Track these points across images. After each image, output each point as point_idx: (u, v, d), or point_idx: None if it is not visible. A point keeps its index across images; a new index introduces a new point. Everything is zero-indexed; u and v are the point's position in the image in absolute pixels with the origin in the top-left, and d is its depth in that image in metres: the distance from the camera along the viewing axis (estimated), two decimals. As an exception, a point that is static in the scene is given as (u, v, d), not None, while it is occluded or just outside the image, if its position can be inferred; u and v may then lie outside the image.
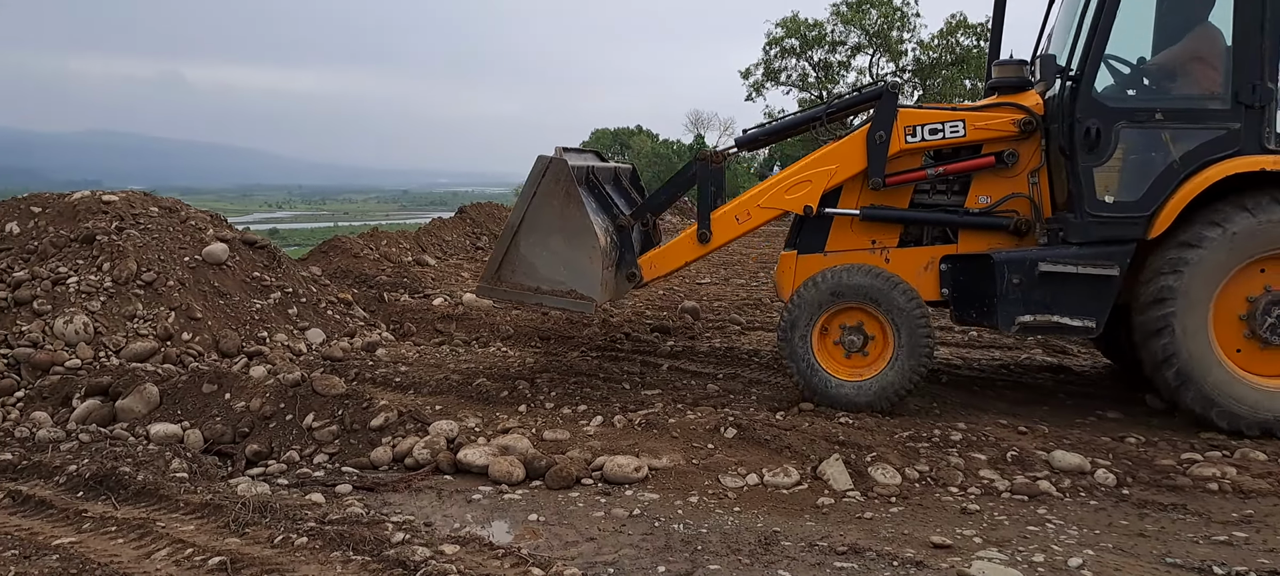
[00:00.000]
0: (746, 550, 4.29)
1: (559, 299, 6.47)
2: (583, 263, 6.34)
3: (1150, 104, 6.05)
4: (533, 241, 6.41)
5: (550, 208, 6.35)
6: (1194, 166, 5.79)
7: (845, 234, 6.75)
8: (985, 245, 6.41)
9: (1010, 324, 6.14)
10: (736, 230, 6.86)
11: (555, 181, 6.31)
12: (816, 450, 5.43)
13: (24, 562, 4.03)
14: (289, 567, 3.94)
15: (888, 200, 6.65)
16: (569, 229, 6.35)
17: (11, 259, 7.85)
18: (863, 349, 6.30)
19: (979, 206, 6.48)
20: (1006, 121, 6.35)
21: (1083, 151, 5.96)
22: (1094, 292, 5.99)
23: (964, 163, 6.47)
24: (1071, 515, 4.74)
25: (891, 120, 6.49)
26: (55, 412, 6.31)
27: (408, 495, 5.13)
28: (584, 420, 6.24)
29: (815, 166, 6.70)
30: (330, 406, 6.01)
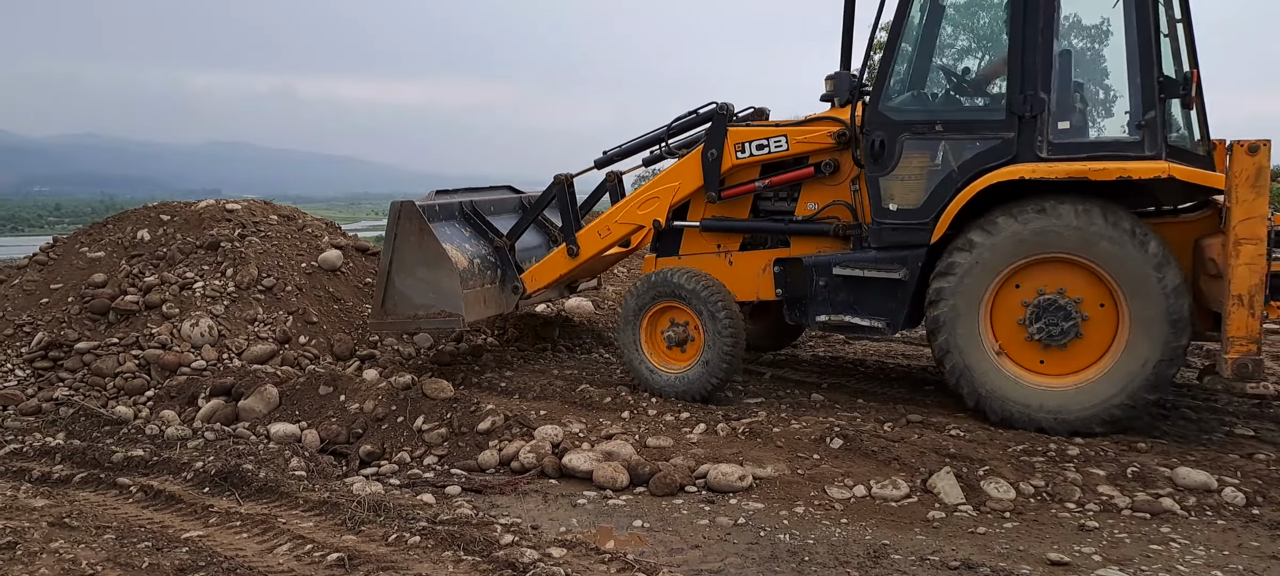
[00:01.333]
0: (855, 563, 4.23)
1: (434, 320, 7.21)
2: (445, 285, 7.07)
3: (932, 116, 6.38)
4: (403, 276, 7.19)
5: (409, 244, 7.12)
6: (971, 175, 6.03)
7: (696, 240, 7.32)
8: (813, 249, 6.85)
9: (813, 321, 6.74)
10: (599, 244, 7.48)
11: (408, 221, 7.12)
12: (926, 462, 5.32)
13: (156, 554, 4.23)
14: (403, 565, 4.04)
15: (729, 210, 7.20)
16: (429, 259, 7.09)
17: (143, 264, 8.25)
18: (683, 344, 6.88)
19: (806, 213, 6.95)
20: (824, 134, 6.73)
21: (870, 162, 6.37)
22: (887, 294, 6.41)
23: (787, 174, 6.93)
24: (1197, 535, 4.55)
25: (722, 139, 7.03)
26: (182, 411, 6.61)
27: (514, 498, 5.21)
28: (687, 427, 6.24)
29: (661, 184, 7.34)
30: (439, 409, 6.14)
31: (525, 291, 7.66)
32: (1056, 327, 5.86)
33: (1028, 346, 5.98)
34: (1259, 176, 5.28)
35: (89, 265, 8.27)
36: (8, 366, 7.20)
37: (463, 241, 7.48)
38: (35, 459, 5.85)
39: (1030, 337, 5.93)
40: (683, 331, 6.86)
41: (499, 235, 7.72)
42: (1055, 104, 5.98)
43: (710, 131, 7.13)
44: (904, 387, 7.33)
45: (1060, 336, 5.86)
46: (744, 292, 7.04)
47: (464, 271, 7.19)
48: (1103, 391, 5.76)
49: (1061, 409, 5.84)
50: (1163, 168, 5.59)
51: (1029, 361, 5.99)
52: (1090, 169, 5.72)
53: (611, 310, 11.04)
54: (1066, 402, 5.83)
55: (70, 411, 6.58)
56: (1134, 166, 5.64)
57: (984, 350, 6.01)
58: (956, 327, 6.02)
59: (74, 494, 5.24)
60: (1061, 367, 5.93)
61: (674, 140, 7.59)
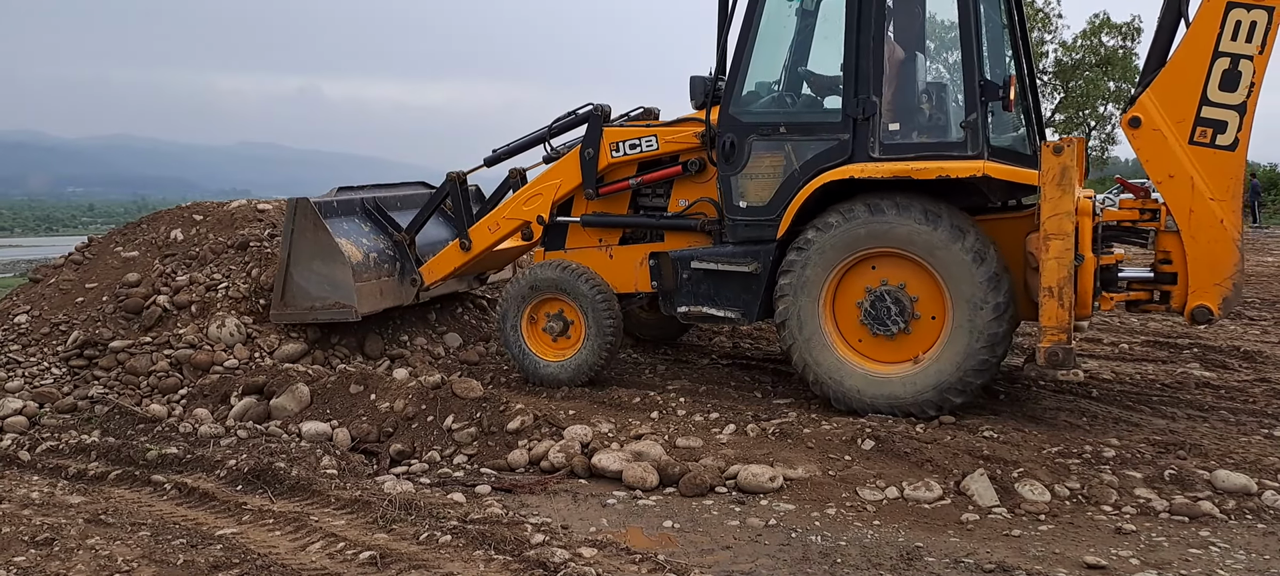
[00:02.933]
0: (887, 565, 4.20)
1: (330, 311, 7.45)
2: (339, 277, 7.34)
3: (776, 118, 6.78)
4: (300, 269, 7.45)
5: (304, 239, 7.39)
6: (811, 175, 6.40)
7: (579, 234, 7.63)
8: (685, 243, 7.18)
9: (675, 312, 7.09)
10: (490, 238, 7.75)
11: (303, 217, 7.37)
12: (959, 464, 5.28)
13: (191, 551, 4.27)
14: (434, 564, 4.05)
15: (609, 206, 7.52)
16: (323, 253, 7.35)
17: (176, 264, 8.32)
18: (565, 333, 7.21)
19: (677, 209, 7.30)
20: (690, 134, 7.10)
21: (722, 162, 6.73)
22: (742, 287, 6.79)
23: (657, 172, 7.29)
24: (1238, 538, 4.48)
25: (598, 139, 7.36)
26: (215, 410, 6.66)
27: (544, 497, 5.21)
28: (716, 428, 6.22)
29: (544, 182, 7.64)
30: (469, 409, 6.15)
31: (423, 283, 7.95)
32: (888, 318, 6.25)
33: (866, 336, 6.37)
34: (1064, 175, 5.56)
35: (123, 264, 8.36)
36: (44, 364, 7.28)
37: (360, 236, 7.79)
38: (71, 456, 5.91)
39: (867, 328, 6.33)
40: (561, 322, 7.21)
41: (398, 230, 8.01)
42: (887, 107, 6.34)
43: (588, 131, 7.45)
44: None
45: (892, 325, 6.25)
46: (624, 285, 7.35)
47: (357, 264, 7.47)
48: (932, 377, 6.12)
49: (896, 395, 6.21)
50: (979, 167, 5.99)
51: (869, 350, 6.38)
52: (913, 168, 6.12)
53: (639, 310, 11.02)
54: (901, 388, 6.20)
55: (105, 409, 6.65)
56: (952, 166, 6.04)
57: (828, 341, 6.36)
58: (800, 320, 6.38)
59: (109, 491, 5.29)
60: (897, 355, 6.32)
61: (557, 140, 7.87)
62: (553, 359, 7.23)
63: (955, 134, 6.31)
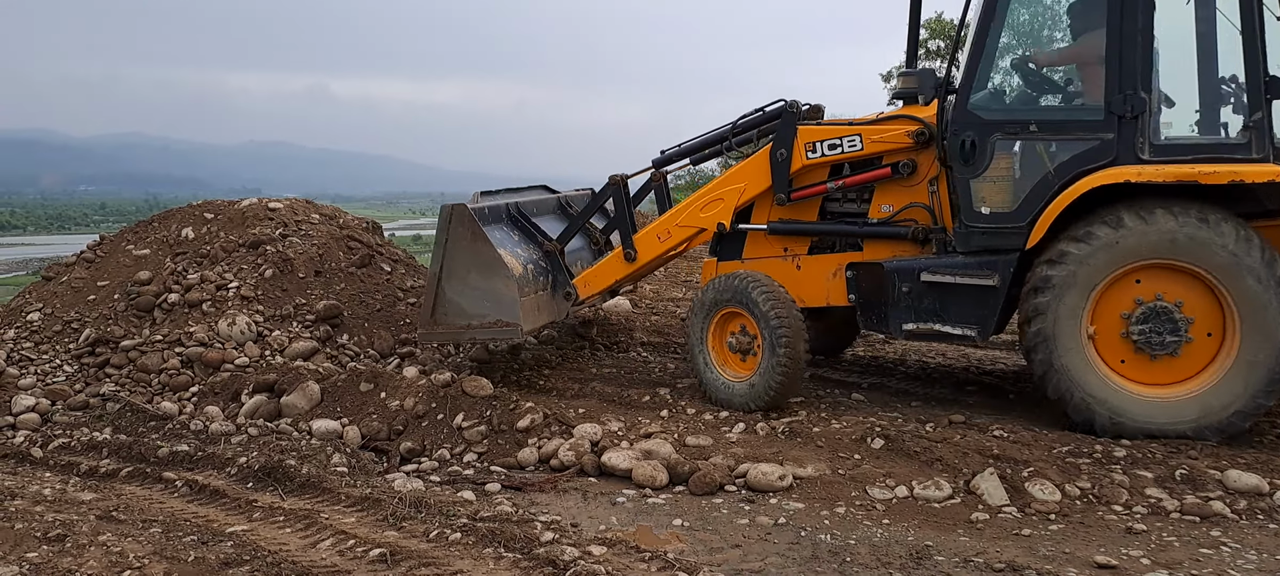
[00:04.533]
0: (897, 564, 4.19)
1: (488, 330, 6.78)
2: (501, 292, 6.65)
3: (1025, 116, 6.09)
4: (454, 283, 6.76)
5: (461, 250, 6.71)
6: (1068, 178, 5.76)
7: (760, 243, 7.02)
8: (888, 253, 6.53)
9: (898, 330, 6.37)
10: (659, 248, 7.17)
11: (460, 225, 6.69)
12: (969, 463, 5.26)
13: (202, 548, 4.28)
14: (444, 562, 4.06)
15: (797, 212, 6.90)
16: (482, 265, 6.67)
17: (187, 262, 8.36)
18: (751, 349, 6.53)
19: (881, 215, 6.62)
20: (901, 133, 6.43)
21: (959, 163, 6.07)
22: (977, 301, 6.10)
23: (862, 175, 6.62)
24: (1249, 539, 4.46)
25: (791, 138, 6.74)
26: (226, 407, 6.69)
27: (554, 495, 5.21)
28: (726, 426, 6.22)
29: (726, 185, 7.03)
30: (478, 407, 6.16)
31: (578, 297, 7.35)
32: (1164, 336, 5.60)
33: (1130, 355, 5.71)
34: None
35: (135, 262, 8.40)
36: (56, 362, 7.33)
37: (513, 246, 7.10)
38: (83, 453, 5.95)
39: (1136, 347, 5.68)
40: (747, 337, 6.54)
41: (547, 238, 7.39)
42: (1155, 104, 5.73)
43: (780, 130, 6.82)
44: (946, 387, 7.25)
45: (1166, 344, 5.61)
46: (813, 298, 6.79)
47: (520, 278, 6.80)
48: (1217, 399, 5.54)
49: (1181, 418, 5.58)
50: (1275, 171, 5.38)
51: (1134, 372, 5.73)
52: (1200, 172, 5.45)
53: (649, 309, 11.04)
54: (1185, 411, 5.59)
55: (117, 407, 6.68)
56: (1246, 170, 5.41)
57: (1091, 363, 5.72)
58: (1059, 341, 5.72)
59: (121, 488, 5.32)
60: (1168, 376, 5.67)
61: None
62: (731, 377, 6.60)
63: (1236, 135, 5.68)
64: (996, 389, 7.24)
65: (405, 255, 9.96)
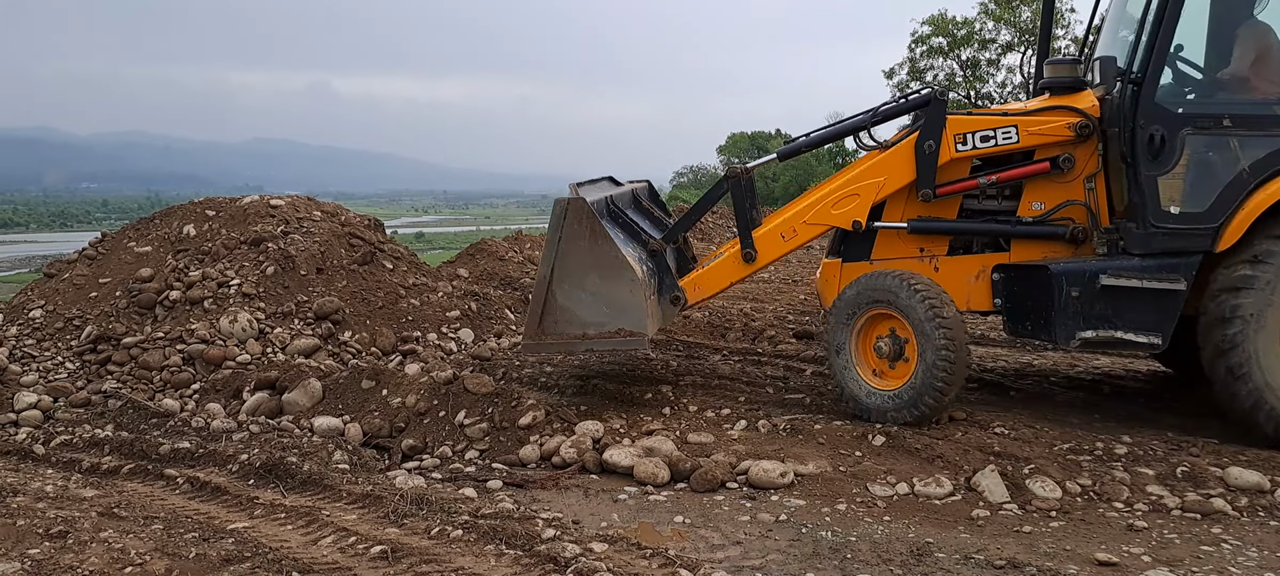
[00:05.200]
0: (898, 561, 4.19)
1: (608, 340, 6.09)
2: (624, 298, 5.98)
3: (1218, 110, 5.68)
4: (568, 288, 6.06)
5: (578, 249, 6.00)
6: (1264, 176, 5.48)
7: (892, 242, 6.47)
8: (1039, 254, 6.14)
9: (1069, 338, 5.80)
10: (782, 248, 6.58)
11: (578, 221, 5.99)
12: (970, 460, 5.26)
13: (203, 544, 4.28)
14: (445, 558, 4.06)
15: (935, 209, 6.39)
16: (603, 266, 5.99)
17: (188, 259, 8.37)
18: (900, 356, 5.98)
19: (1032, 214, 6.22)
20: (1061, 125, 6.07)
21: (1146, 159, 5.67)
22: (1158, 306, 5.67)
23: (1019, 169, 6.20)
24: (1250, 536, 4.46)
25: (940, 128, 6.23)
26: (227, 404, 6.69)
27: (556, 493, 5.22)
28: (728, 424, 6.22)
29: (863, 179, 6.41)
30: (480, 404, 6.16)
31: (686, 301, 6.72)
32: None
33: None
34: None
35: (136, 260, 8.41)
36: (59, 359, 7.34)
37: (625, 246, 6.33)
38: (85, 449, 5.95)
39: None
40: (895, 343, 5.99)
41: (651, 236, 6.74)
42: None
43: (927, 118, 6.29)
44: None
45: None
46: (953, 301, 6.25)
47: (644, 280, 6.15)
48: None
49: None
50: None
51: None
52: None
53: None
54: None
55: (118, 404, 6.69)
56: None
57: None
58: (1255, 349, 5.40)
59: (122, 484, 5.32)
60: None
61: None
62: (880, 386, 6.03)
63: None
64: (998, 386, 7.24)
65: (407, 252, 9.98)
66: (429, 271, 10.10)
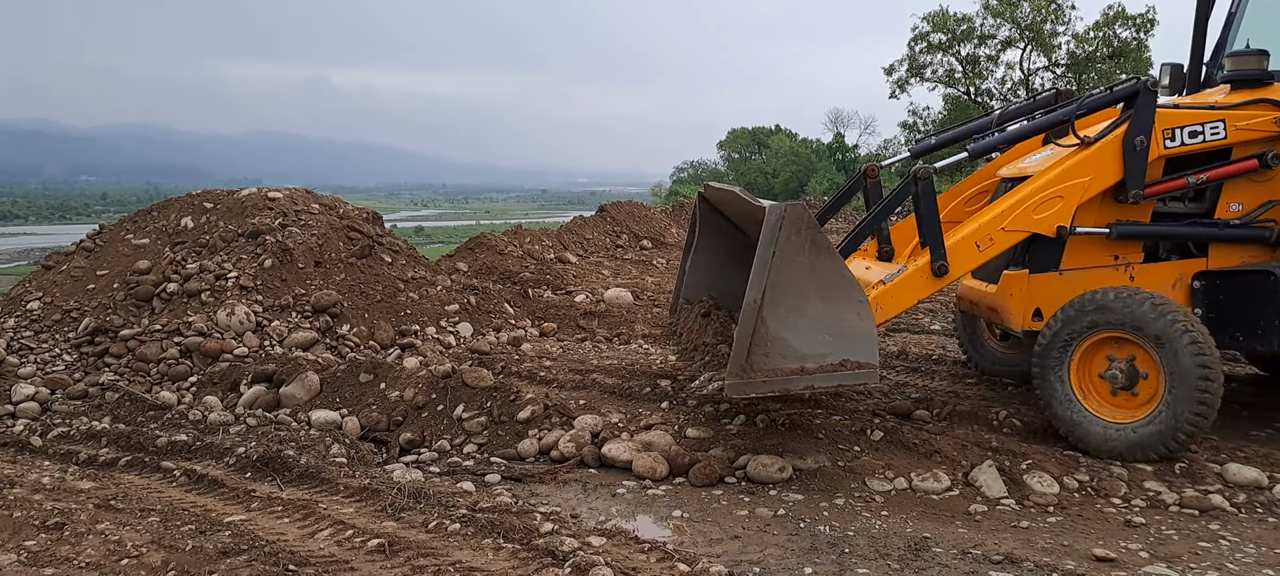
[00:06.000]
0: (895, 555, 4.19)
1: (831, 375, 5.10)
2: (851, 322, 5.07)
3: None
4: (782, 313, 5.03)
5: (796, 267, 5.01)
6: None
7: (1084, 250, 5.87)
8: (1238, 259, 5.76)
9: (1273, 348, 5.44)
10: (977, 259, 5.72)
11: (797, 232, 5.00)
12: (968, 455, 5.26)
13: (199, 537, 4.28)
14: (443, 552, 4.06)
15: (1138, 212, 5.85)
16: (825, 286, 5.06)
17: (186, 252, 8.35)
18: (1131, 387, 5.32)
19: (1231, 215, 5.80)
20: (1268, 120, 5.69)
21: None
22: None
23: (1227, 167, 5.76)
24: (1248, 532, 4.46)
25: (1151, 122, 5.65)
26: (225, 397, 6.68)
27: (554, 487, 5.21)
28: (726, 418, 6.20)
29: (1066, 180, 5.73)
30: (479, 398, 6.16)
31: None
32: None
33: None
34: None
35: (134, 252, 8.39)
36: (56, 351, 7.33)
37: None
38: (82, 442, 5.95)
39: None
40: (1129, 371, 5.33)
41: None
42: None
43: (1137, 113, 5.69)
44: (945, 381, 7.25)
45: None
46: None
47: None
48: None
49: None
50: None
51: None
52: None
53: (650, 301, 11.04)
54: None
55: (116, 396, 6.68)
56: None
57: None
58: None
59: (119, 477, 5.32)
60: None
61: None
62: (1111, 417, 5.35)
63: None
64: (994, 382, 7.23)
65: (406, 246, 9.96)
66: (428, 265, 10.09)
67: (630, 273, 14.59)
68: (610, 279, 13.52)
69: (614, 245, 17.28)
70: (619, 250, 16.98)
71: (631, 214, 19.33)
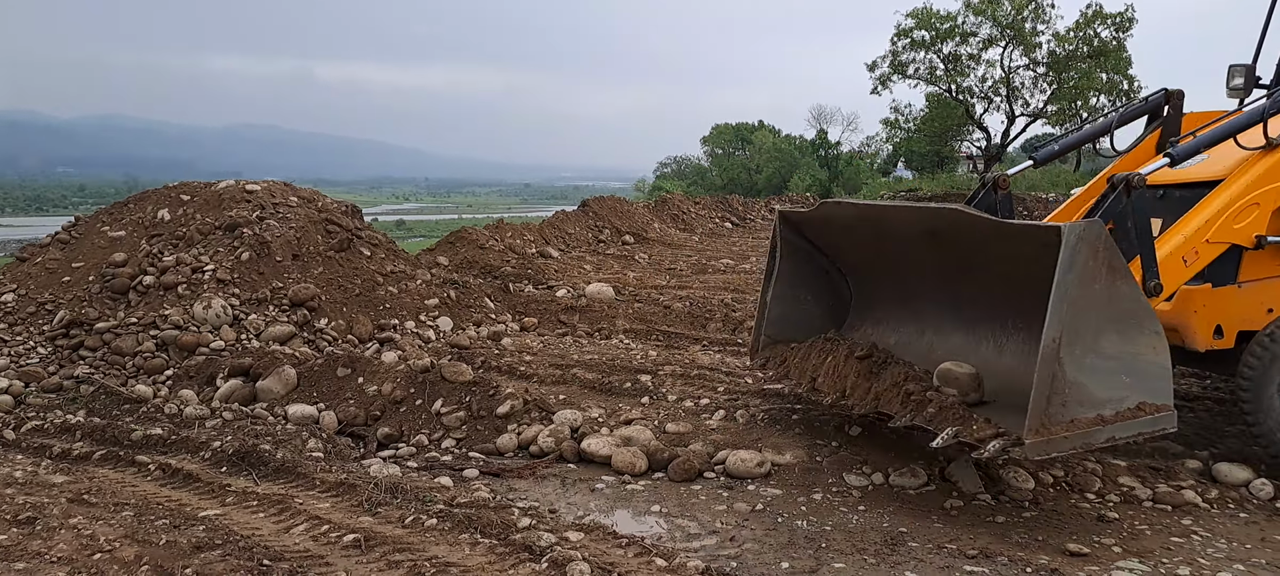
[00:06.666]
0: (872, 549, 4.20)
1: (1129, 424, 4.34)
2: (1147, 359, 4.38)
3: None
4: (1079, 353, 4.28)
5: (1093, 296, 4.27)
6: None
7: (1263, 261, 5.41)
8: None
9: None
10: (1184, 275, 5.22)
11: (1094, 255, 4.25)
12: (945, 451, 5.25)
13: (174, 531, 4.24)
14: (419, 547, 4.04)
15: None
16: (1123, 316, 4.35)
17: (163, 244, 8.28)
18: None
19: None
20: None
21: None
22: None
23: None
24: (1220, 527, 4.50)
25: None
26: (200, 391, 6.63)
27: (533, 482, 5.20)
28: (706, 414, 6.21)
29: (1260, 186, 5.35)
30: (458, 393, 6.13)
31: None
32: None
33: None
34: None
35: (110, 244, 8.32)
36: (30, 344, 7.25)
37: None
38: (56, 435, 5.89)
39: None
40: None
41: None
42: None
43: None
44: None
45: None
46: None
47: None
48: None
49: None
50: None
51: None
52: None
53: (631, 296, 11.03)
54: None
55: (90, 389, 6.62)
56: None
57: None
58: None
59: (93, 471, 5.27)
60: None
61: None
62: None
63: None
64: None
65: (385, 239, 9.91)
66: (407, 259, 10.05)
67: (612, 267, 14.58)
68: (592, 273, 13.50)
69: (596, 240, 17.26)
70: (601, 245, 16.96)
71: (614, 209, 19.32)
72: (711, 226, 23.19)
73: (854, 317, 6.25)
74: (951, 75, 41.45)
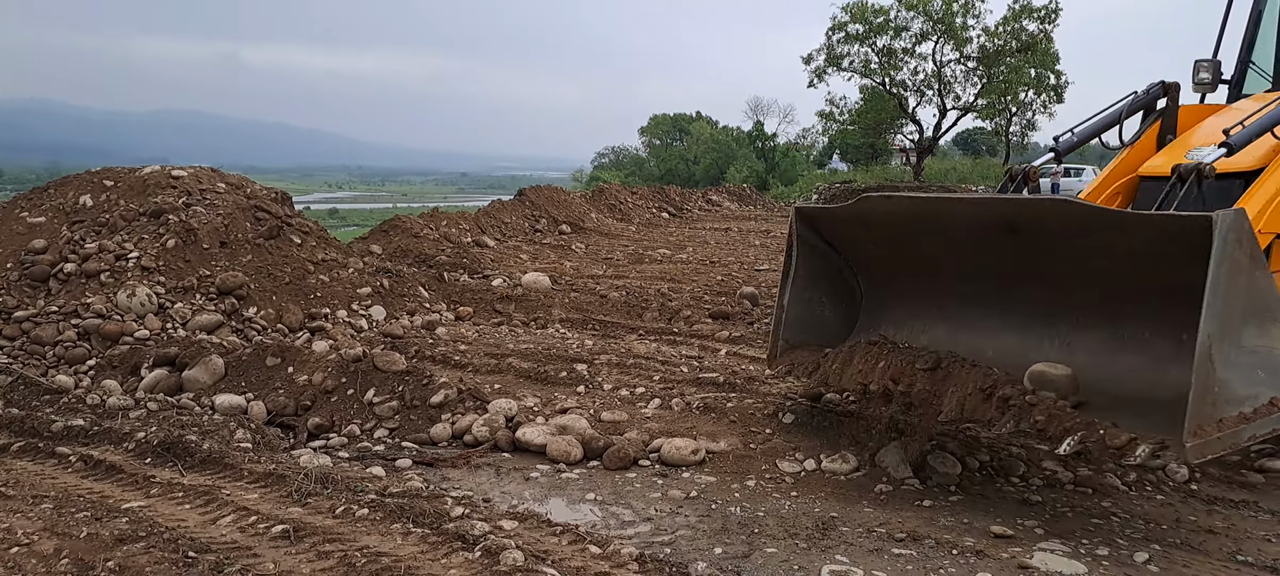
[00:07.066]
0: (803, 534, 4.26)
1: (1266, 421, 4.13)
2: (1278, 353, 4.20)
3: None
4: (1226, 349, 4.01)
5: (1238, 289, 4.03)
6: None
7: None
8: None
9: None
10: None
11: (1238, 246, 3.97)
12: (875, 437, 5.37)
13: (95, 524, 4.13)
14: (350, 537, 3.99)
15: None
16: (1263, 309, 4.14)
17: (84, 231, 8.05)
18: None
19: None
20: None
21: None
22: None
23: None
24: (1137, 509, 4.65)
25: None
26: (125, 381, 6.47)
27: (467, 471, 5.17)
28: (641, 402, 6.23)
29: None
30: (391, 382, 6.07)
31: None
32: None
33: None
34: None
35: (29, 230, 8.06)
36: (-57, 334, 7.00)
37: None
38: (-29, 428, 5.70)
39: None
40: None
41: None
42: None
43: None
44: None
45: None
46: None
47: None
48: None
49: None
50: None
51: None
52: None
53: (568, 286, 11.01)
54: None
55: (8, 380, 6.40)
56: None
57: None
58: None
59: (11, 463, 5.10)
60: None
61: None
62: None
63: None
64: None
65: (317, 227, 9.75)
66: (340, 247, 9.90)
67: (549, 257, 14.54)
68: (528, 263, 13.45)
69: (533, 229, 17.19)
70: (537, 234, 16.89)
71: (551, 198, 19.25)
72: (649, 217, 23.22)
73: (866, 319, 6.04)
74: (885, 68, 42.07)
